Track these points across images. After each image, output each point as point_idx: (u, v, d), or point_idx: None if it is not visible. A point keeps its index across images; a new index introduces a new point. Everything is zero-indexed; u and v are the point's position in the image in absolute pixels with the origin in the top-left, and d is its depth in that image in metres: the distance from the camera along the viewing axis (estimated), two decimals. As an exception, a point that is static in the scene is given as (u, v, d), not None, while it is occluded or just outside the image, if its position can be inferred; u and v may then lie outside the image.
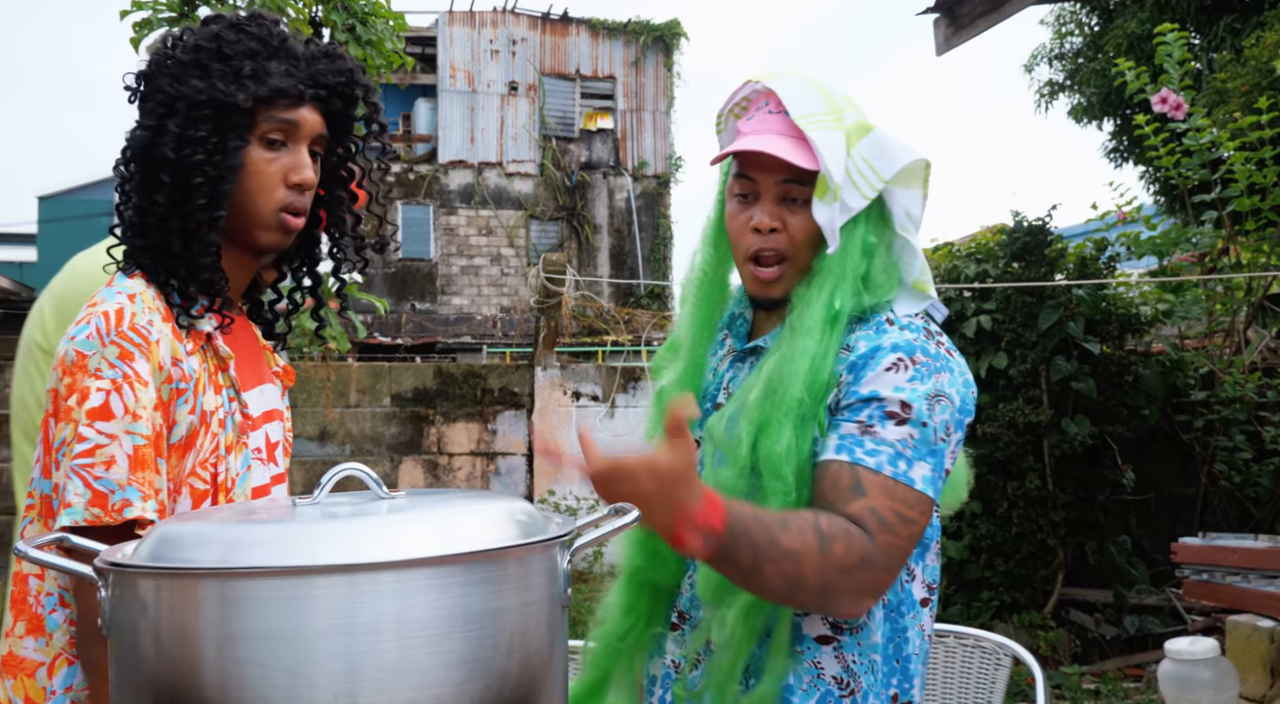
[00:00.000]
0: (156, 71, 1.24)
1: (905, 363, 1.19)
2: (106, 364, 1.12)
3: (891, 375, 1.19)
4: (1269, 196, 4.71)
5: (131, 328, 1.15)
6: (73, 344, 1.14)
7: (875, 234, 1.26)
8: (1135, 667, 4.48)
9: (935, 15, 4.72)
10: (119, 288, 1.20)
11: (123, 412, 1.11)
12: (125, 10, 3.38)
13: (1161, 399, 4.93)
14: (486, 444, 6.15)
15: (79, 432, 1.10)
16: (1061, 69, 9.74)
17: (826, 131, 1.22)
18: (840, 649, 1.23)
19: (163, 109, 1.22)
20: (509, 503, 0.88)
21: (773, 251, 1.26)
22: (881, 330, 1.23)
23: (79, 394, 1.12)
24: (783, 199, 1.26)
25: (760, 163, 1.25)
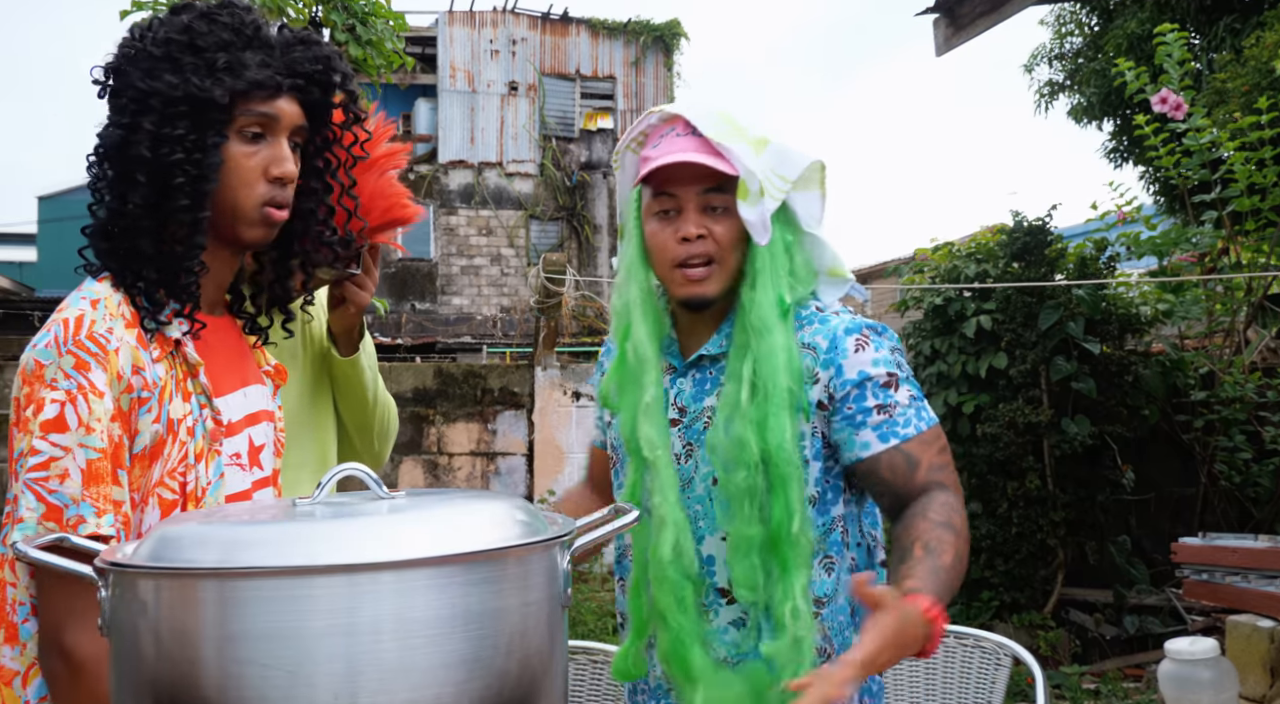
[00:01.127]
0: (126, 65, 1.20)
1: (863, 340, 1.37)
2: (62, 374, 1.10)
3: (862, 353, 1.36)
4: (1269, 196, 4.71)
5: (89, 336, 1.12)
6: (33, 352, 1.12)
7: (790, 233, 1.39)
8: (1135, 667, 4.48)
9: (935, 15, 4.72)
10: (84, 293, 1.17)
11: (76, 424, 1.08)
12: (125, 10, 3.38)
13: (1161, 399, 4.93)
14: (486, 444, 6.15)
15: (33, 444, 1.08)
16: (1061, 69, 9.73)
17: (736, 143, 1.35)
18: (821, 621, 1.36)
19: (135, 106, 1.18)
20: (509, 503, 0.88)
21: (701, 256, 1.37)
22: (825, 321, 1.40)
23: (35, 405, 1.09)
24: (704, 209, 1.38)
25: (680, 177, 1.36)
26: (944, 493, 1.32)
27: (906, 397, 1.36)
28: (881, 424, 1.34)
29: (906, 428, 1.35)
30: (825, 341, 1.37)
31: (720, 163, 1.34)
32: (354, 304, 1.56)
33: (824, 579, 1.37)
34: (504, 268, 17.79)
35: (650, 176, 1.37)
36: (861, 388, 1.35)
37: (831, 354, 1.36)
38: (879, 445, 1.34)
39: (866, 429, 1.34)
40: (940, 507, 1.29)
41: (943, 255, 5.33)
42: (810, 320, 1.40)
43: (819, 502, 1.38)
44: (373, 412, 1.70)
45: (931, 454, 1.35)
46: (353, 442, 1.74)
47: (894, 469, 1.34)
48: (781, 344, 1.33)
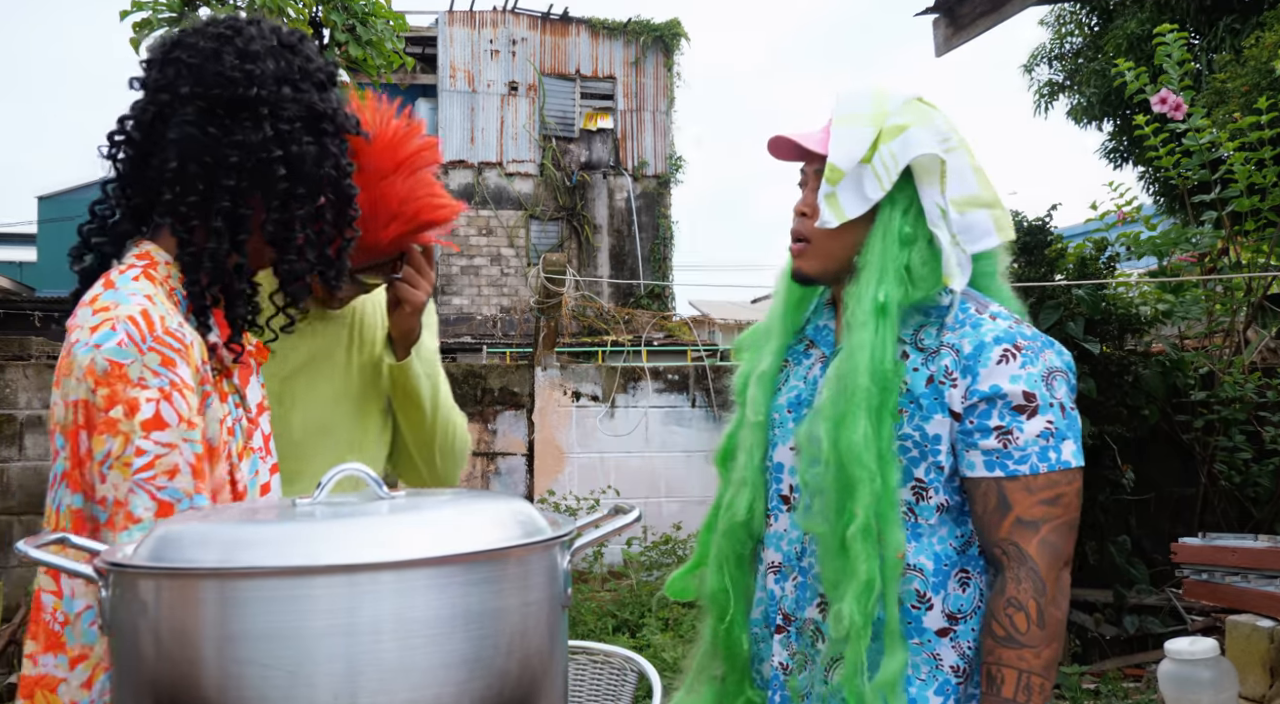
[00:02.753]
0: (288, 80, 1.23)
1: (1012, 352, 1.28)
2: (150, 372, 1.09)
3: (1004, 367, 1.27)
4: (1269, 196, 4.71)
5: (167, 332, 1.12)
6: (99, 352, 1.09)
7: (911, 226, 1.32)
8: (1135, 667, 4.48)
9: (935, 16, 4.71)
10: (130, 289, 1.15)
11: (176, 420, 1.09)
12: (125, 10, 3.38)
13: (1161, 399, 4.92)
14: (486, 444, 6.15)
15: (136, 445, 1.07)
16: (1061, 69, 9.73)
17: (854, 127, 1.32)
18: (956, 638, 1.30)
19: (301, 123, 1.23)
20: (509, 503, 0.88)
21: (798, 233, 1.39)
22: (978, 325, 1.31)
23: (125, 405, 1.08)
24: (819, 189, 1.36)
25: (789, 153, 1.40)
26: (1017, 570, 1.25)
27: (1039, 428, 1.26)
28: (994, 450, 1.27)
29: (1020, 464, 1.26)
30: (970, 346, 1.29)
31: (808, 141, 1.34)
32: (409, 304, 1.53)
33: (958, 594, 1.31)
34: (504, 268, 17.79)
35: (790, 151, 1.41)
36: (990, 404, 1.27)
37: (972, 361, 1.28)
38: (982, 471, 1.28)
39: (977, 450, 1.28)
40: (1004, 607, 1.25)
41: (943, 255, 5.32)
42: (963, 322, 1.32)
43: (953, 511, 1.32)
44: (433, 425, 1.65)
45: (1030, 503, 1.26)
46: (413, 459, 1.68)
47: (985, 504, 1.28)
48: (868, 343, 1.28)
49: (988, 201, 1.36)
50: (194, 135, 1.18)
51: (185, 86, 1.19)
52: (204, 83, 1.19)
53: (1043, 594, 1.24)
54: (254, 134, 1.19)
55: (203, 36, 1.23)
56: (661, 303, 17.82)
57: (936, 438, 1.29)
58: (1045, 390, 1.27)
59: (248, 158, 1.19)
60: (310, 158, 1.22)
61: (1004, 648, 1.24)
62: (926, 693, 1.28)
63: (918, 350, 1.32)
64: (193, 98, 1.19)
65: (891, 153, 1.31)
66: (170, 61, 1.21)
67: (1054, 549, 1.25)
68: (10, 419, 5.08)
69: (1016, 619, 1.24)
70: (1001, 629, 1.24)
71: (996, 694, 1.23)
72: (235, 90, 1.19)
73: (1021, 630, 1.23)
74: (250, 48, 1.21)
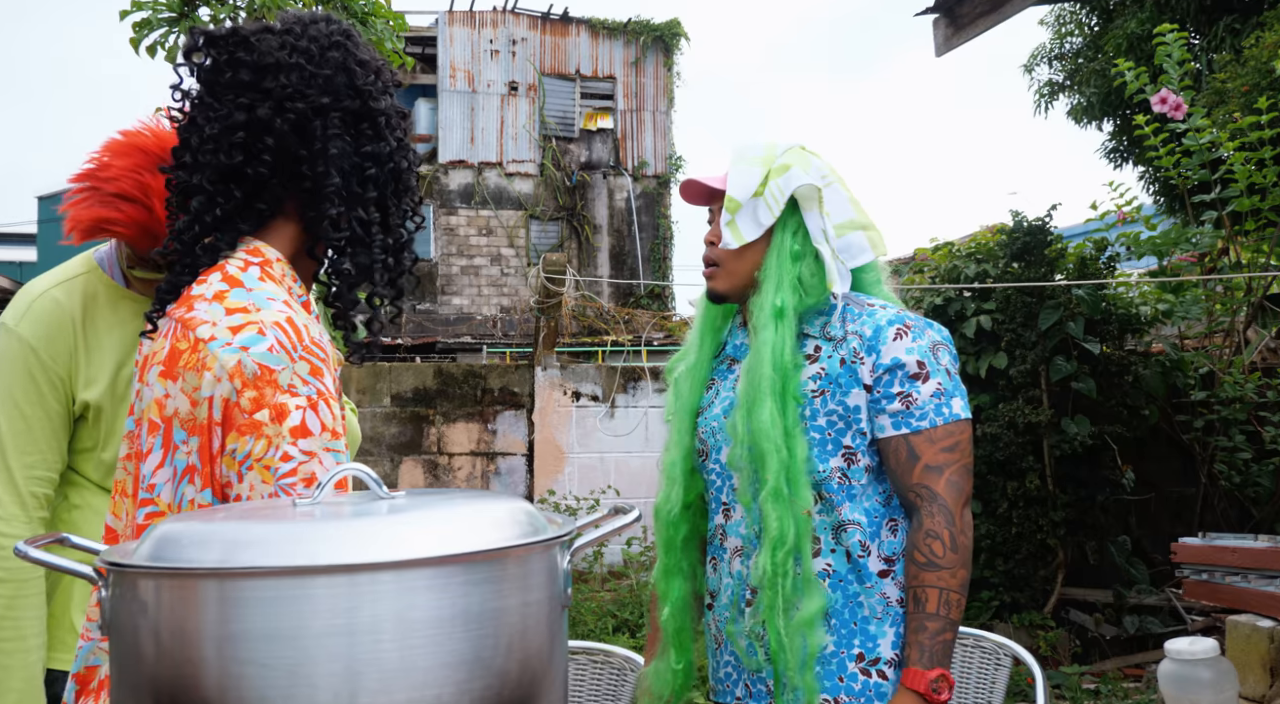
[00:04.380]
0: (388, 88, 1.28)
1: (903, 330, 1.54)
2: (300, 380, 1.11)
3: (899, 342, 1.52)
4: (1269, 196, 4.71)
5: (314, 342, 1.14)
6: (247, 355, 1.10)
7: (799, 244, 1.58)
8: (1135, 667, 4.48)
9: (935, 15, 4.71)
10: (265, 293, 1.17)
11: (320, 429, 1.10)
12: (125, 10, 3.38)
13: (1161, 399, 4.93)
14: (486, 444, 6.15)
15: (283, 450, 1.08)
16: (1061, 69, 9.73)
17: (748, 168, 1.59)
18: (896, 576, 1.52)
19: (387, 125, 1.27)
20: (509, 503, 0.88)
21: (709, 259, 1.65)
22: (873, 314, 1.57)
23: (272, 409, 1.09)
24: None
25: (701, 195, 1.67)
26: (929, 507, 1.48)
27: (932, 389, 1.51)
28: (898, 412, 1.50)
29: (921, 420, 1.50)
30: (870, 330, 1.54)
31: (712, 182, 1.62)
32: None
33: (891, 540, 1.53)
34: (504, 268, 17.79)
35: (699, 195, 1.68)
36: (892, 374, 1.51)
37: (873, 341, 1.53)
38: (890, 431, 1.51)
39: (885, 414, 1.51)
40: (924, 538, 1.47)
41: (943, 255, 5.33)
42: (860, 313, 1.57)
43: (876, 471, 1.54)
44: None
45: (933, 451, 1.49)
46: None
47: (897, 457, 1.51)
48: (769, 340, 1.53)
49: (863, 224, 1.63)
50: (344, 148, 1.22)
51: (323, 97, 1.22)
52: (337, 92, 1.23)
53: (954, 525, 1.46)
54: (381, 145, 1.25)
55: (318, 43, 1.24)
56: (661, 303, 17.82)
57: (856, 408, 1.53)
58: (933, 359, 1.53)
59: (381, 169, 1.25)
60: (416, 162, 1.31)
61: (925, 572, 1.46)
62: (884, 627, 1.50)
63: (827, 340, 1.57)
64: (332, 108, 1.22)
65: (778, 186, 1.58)
66: (294, 67, 1.22)
67: (958, 488, 1.49)
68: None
69: (934, 547, 1.46)
70: (922, 556, 1.46)
71: (922, 611, 1.45)
72: (365, 101, 1.24)
73: (939, 555, 1.45)
74: (362, 56, 1.26)
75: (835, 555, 1.52)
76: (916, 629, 1.45)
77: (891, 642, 1.50)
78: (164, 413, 1.14)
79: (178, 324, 1.15)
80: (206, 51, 1.24)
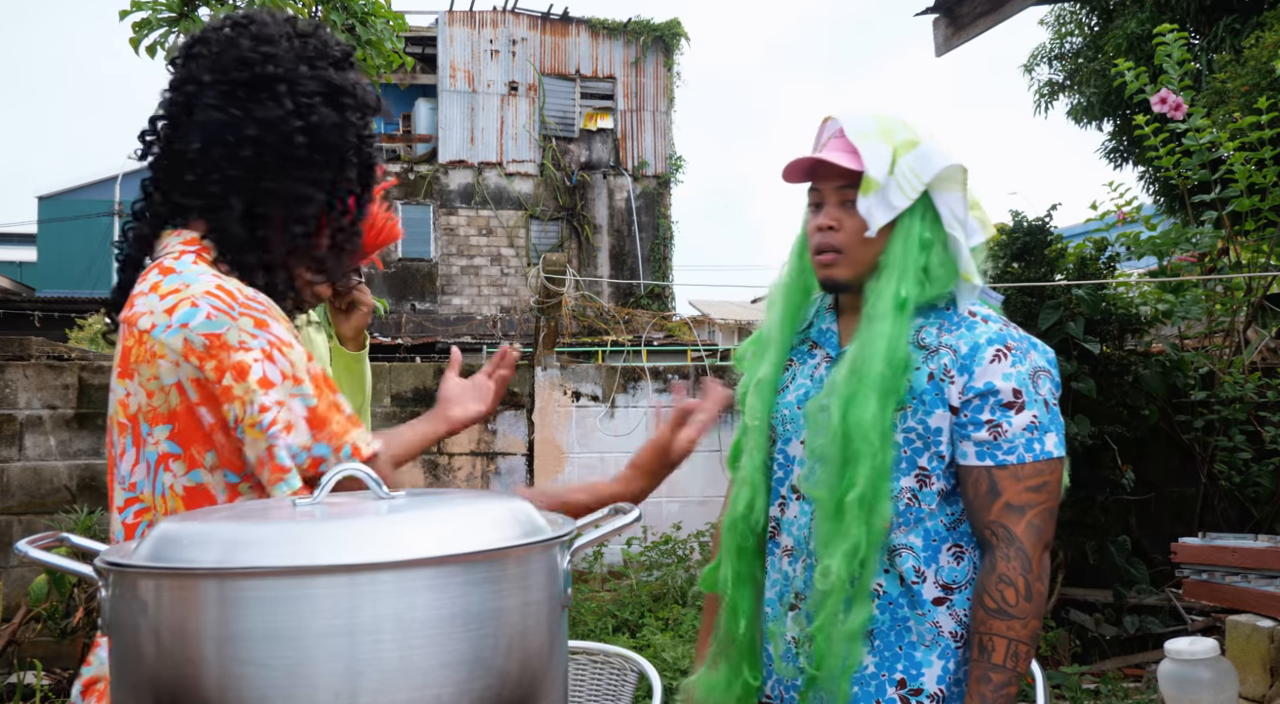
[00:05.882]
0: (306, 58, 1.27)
1: (1003, 352, 1.41)
2: (248, 335, 1.12)
3: (996, 366, 1.40)
4: (1269, 196, 4.71)
5: (250, 298, 1.15)
6: (188, 331, 1.12)
7: (930, 231, 1.44)
8: (1135, 667, 4.48)
9: (935, 15, 4.72)
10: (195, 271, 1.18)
11: (280, 377, 1.12)
12: (125, 10, 3.38)
13: (1161, 399, 4.92)
14: (486, 444, 6.15)
15: (259, 402, 1.10)
16: (1061, 69, 9.73)
17: (873, 143, 1.44)
18: (952, 606, 1.43)
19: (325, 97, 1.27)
20: (509, 503, 0.88)
21: (829, 245, 1.48)
22: (972, 327, 1.44)
23: (234, 370, 1.10)
24: (841, 203, 1.47)
25: (818, 173, 1.49)
26: (1006, 549, 1.37)
27: (1026, 422, 1.39)
28: (984, 442, 1.40)
29: (1008, 455, 1.39)
30: (966, 347, 1.42)
31: (847, 160, 1.43)
32: (365, 305, 1.83)
33: (952, 567, 1.43)
34: (504, 268, 17.78)
35: (804, 174, 1.51)
36: (983, 400, 1.40)
37: (968, 360, 1.41)
38: (973, 460, 1.41)
39: (969, 440, 1.40)
40: (995, 582, 1.37)
41: (943, 255, 5.32)
42: (959, 325, 1.45)
43: (948, 493, 1.44)
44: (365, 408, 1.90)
45: (1017, 490, 1.38)
46: None
47: (976, 489, 1.40)
48: (886, 332, 1.41)
49: (974, 203, 1.51)
50: (216, 117, 1.21)
51: (207, 74, 1.23)
52: (223, 68, 1.23)
53: (1030, 571, 1.36)
54: (274, 109, 1.22)
55: (219, 29, 1.27)
56: (661, 303, 17.82)
57: (938, 430, 1.42)
58: (1032, 387, 1.41)
59: (269, 132, 1.22)
60: (330, 126, 1.25)
61: (995, 619, 1.36)
62: (930, 657, 1.41)
63: (919, 348, 1.45)
64: (214, 83, 1.22)
65: (910, 166, 1.43)
66: (192, 57, 1.25)
67: (1038, 531, 1.38)
68: (10, 419, 5.08)
69: (1007, 593, 1.36)
70: (993, 602, 1.36)
71: (987, 660, 1.35)
72: (253, 70, 1.23)
73: (1011, 604, 1.35)
74: (265, 32, 1.25)
75: (889, 576, 1.43)
76: (980, 679, 1.35)
77: (938, 675, 1.41)
78: (128, 412, 1.16)
79: (124, 324, 1.17)
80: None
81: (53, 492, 5.07)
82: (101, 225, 20.64)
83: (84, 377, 5.18)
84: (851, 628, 1.40)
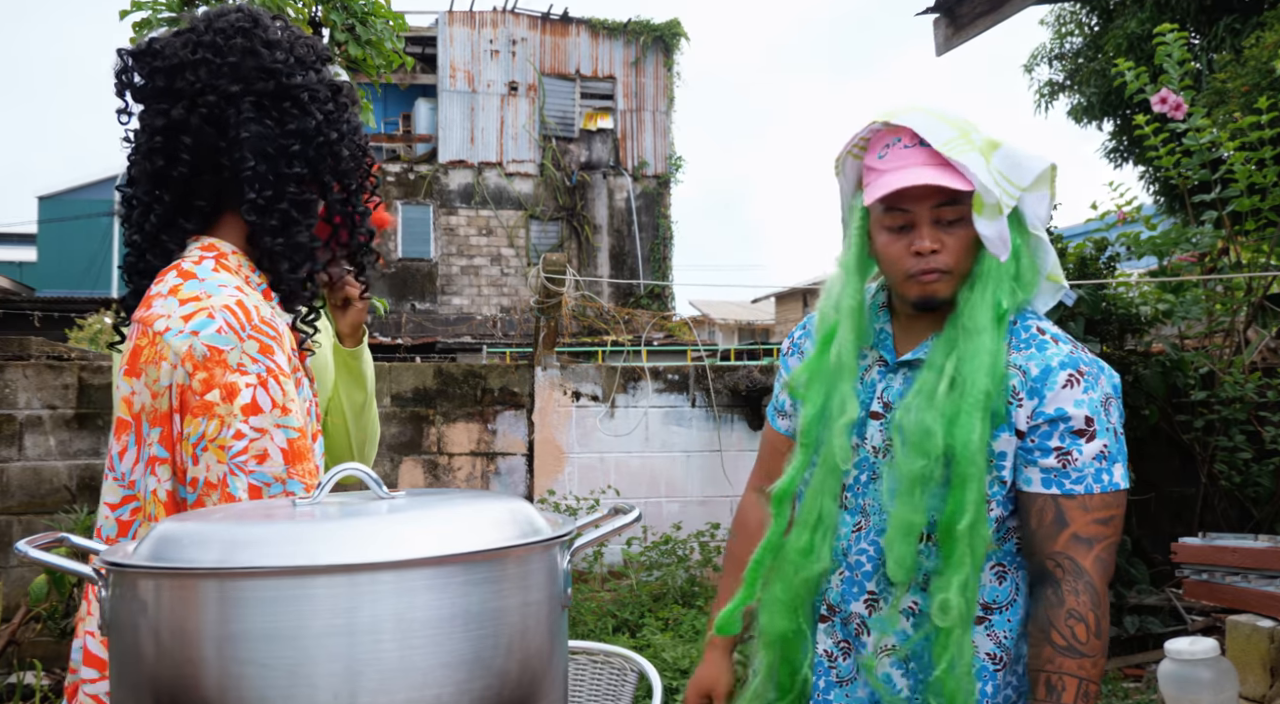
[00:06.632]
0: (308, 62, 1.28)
1: (1076, 377, 1.36)
2: (249, 359, 1.13)
3: (1069, 392, 1.34)
4: (1269, 196, 4.71)
5: (263, 322, 1.16)
6: (197, 339, 1.12)
7: (1019, 237, 1.39)
8: (1135, 667, 4.48)
9: (935, 15, 4.71)
10: (217, 280, 1.19)
11: (270, 405, 1.12)
12: (125, 10, 3.38)
13: (1161, 399, 4.92)
14: (486, 444, 6.15)
15: (235, 428, 1.10)
16: (1061, 69, 9.74)
17: (967, 154, 1.34)
18: (991, 627, 1.39)
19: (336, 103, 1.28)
20: (509, 503, 0.88)
21: (935, 270, 1.38)
22: (1043, 347, 1.39)
23: (223, 389, 1.11)
24: (936, 221, 1.38)
25: (912, 195, 1.36)
26: (1074, 582, 1.31)
27: (1096, 451, 1.34)
28: (1052, 469, 1.34)
29: (1076, 484, 1.34)
30: (1037, 369, 1.36)
31: (955, 180, 1.33)
32: (362, 301, 1.82)
33: (994, 586, 1.39)
34: (504, 268, 17.79)
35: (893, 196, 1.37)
36: (1054, 425, 1.34)
37: (1039, 384, 1.35)
38: (1038, 488, 1.35)
39: (1035, 467, 1.35)
40: (1065, 618, 1.30)
41: (943, 255, 5.32)
42: (1029, 343, 1.39)
43: (1004, 519, 1.39)
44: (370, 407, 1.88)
45: (1085, 521, 1.33)
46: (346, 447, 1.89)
47: (1041, 518, 1.34)
48: (989, 347, 1.34)
49: None
50: (260, 132, 1.22)
51: (232, 85, 1.22)
52: (247, 78, 1.23)
53: (1099, 607, 1.31)
54: (305, 121, 1.24)
55: (222, 34, 1.25)
56: (661, 303, 17.82)
57: (1002, 454, 1.36)
58: (1103, 415, 1.36)
59: (308, 145, 1.24)
60: (355, 131, 1.29)
61: (1065, 657, 1.29)
62: None
63: None
64: (244, 95, 1.22)
65: (1000, 172, 1.35)
66: (200, 63, 1.23)
67: (1105, 565, 1.33)
68: (10, 419, 5.08)
69: (1078, 630, 1.29)
70: (1063, 639, 1.29)
71: (1056, 700, 1.28)
72: (279, 80, 1.23)
73: (1082, 641, 1.29)
74: (271, 37, 1.25)
75: (924, 594, 1.37)
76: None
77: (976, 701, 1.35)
78: (132, 410, 1.16)
79: (138, 324, 1.18)
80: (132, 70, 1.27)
81: (53, 492, 5.07)
82: (101, 225, 20.64)
83: (84, 377, 5.18)
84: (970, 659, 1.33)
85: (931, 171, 1.34)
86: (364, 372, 1.86)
